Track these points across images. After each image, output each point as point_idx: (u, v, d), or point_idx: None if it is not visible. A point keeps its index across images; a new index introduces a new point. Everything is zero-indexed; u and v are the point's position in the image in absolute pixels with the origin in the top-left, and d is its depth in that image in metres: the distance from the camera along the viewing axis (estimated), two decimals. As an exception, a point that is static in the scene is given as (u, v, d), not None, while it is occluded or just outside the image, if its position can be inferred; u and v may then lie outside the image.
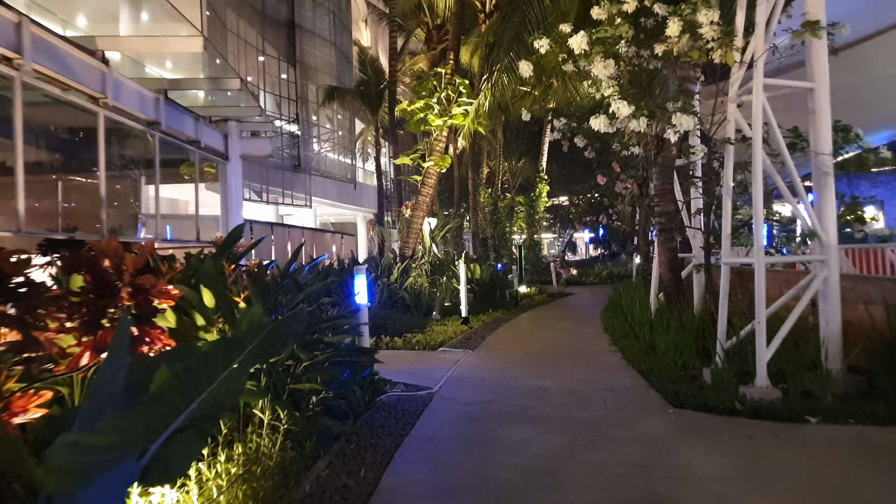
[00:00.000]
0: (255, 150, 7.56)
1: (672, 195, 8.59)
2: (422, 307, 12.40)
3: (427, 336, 9.66)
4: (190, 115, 6.44)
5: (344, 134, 24.02)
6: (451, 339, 9.81)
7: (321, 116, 22.47)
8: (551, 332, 10.79)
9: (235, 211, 7.39)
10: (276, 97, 19.85)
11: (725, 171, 5.78)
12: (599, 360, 7.70)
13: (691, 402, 5.16)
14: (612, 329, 10.18)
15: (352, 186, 25.08)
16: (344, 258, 14.62)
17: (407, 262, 12.68)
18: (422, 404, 5.58)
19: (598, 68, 5.71)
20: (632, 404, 5.35)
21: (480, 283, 15.72)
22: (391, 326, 10.15)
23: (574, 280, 28.81)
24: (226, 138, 7.29)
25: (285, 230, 15.37)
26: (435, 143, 12.81)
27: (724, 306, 5.86)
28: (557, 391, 5.90)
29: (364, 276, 6.25)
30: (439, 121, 12.22)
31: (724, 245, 5.86)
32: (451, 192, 32.04)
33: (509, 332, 10.94)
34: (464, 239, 27.96)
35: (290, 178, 19.53)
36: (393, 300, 11.85)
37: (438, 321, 11.80)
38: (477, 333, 10.50)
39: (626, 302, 11.44)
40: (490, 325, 11.90)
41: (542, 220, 29.08)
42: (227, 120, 7.31)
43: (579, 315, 13.88)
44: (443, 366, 7.41)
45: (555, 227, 37.45)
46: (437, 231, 19.97)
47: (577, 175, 34.63)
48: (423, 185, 12.94)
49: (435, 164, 12.56)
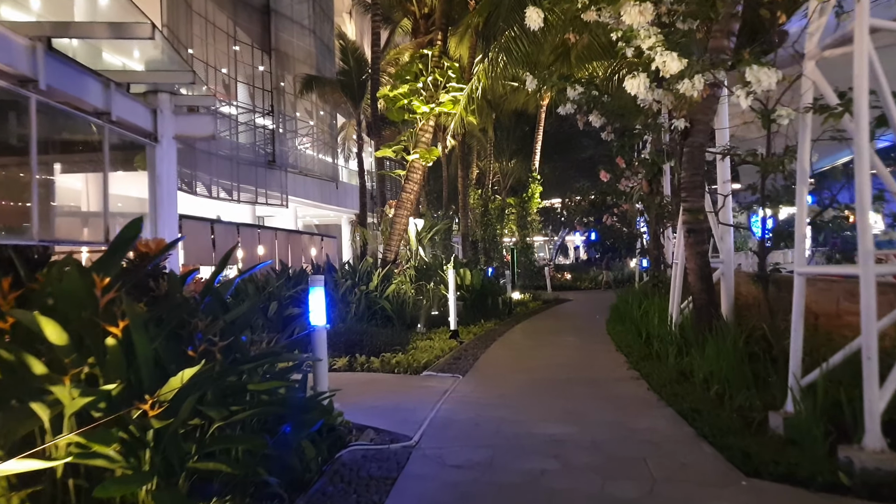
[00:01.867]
0: (194, 129, 6.05)
1: (703, 189, 7.16)
2: (405, 318, 10.89)
3: (409, 356, 8.15)
4: (95, 78, 4.92)
5: (325, 129, 22.42)
6: (438, 358, 8.31)
7: (300, 110, 20.86)
8: (555, 350, 9.31)
9: (168, 205, 5.86)
10: (249, 87, 18.24)
11: (801, 151, 4.35)
12: (621, 391, 6.23)
13: (771, 469, 3.70)
14: (625, 346, 8.73)
15: (334, 186, 23.46)
16: (324, 263, 13.09)
17: (389, 266, 11.17)
18: (395, 467, 4.07)
19: (631, 14, 4.26)
20: (685, 470, 3.87)
21: (471, 289, 14.25)
22: (368, 343, 8.62)
23: (567, 285, 27.53)
24: (155, 114, 5.74)
25: (254, 232, 13.79)
26: (420, 133, 11.31)
27: (799, 330, 4.42)
28: (578, 445, 4.42)
29: (321, 290, 4.73)
30: (425, 107, 10.74)
31: (797, 249, 4.42)
32: (440, 193, 30.73)
33: (506, 348, 9.45)
34: (453, 242, 26.56)
35: (264, 176, 17.91)
36: (371, 311, 10.32)
37: (424, 335, 10.29)
38: (468, 351, 9.01)
39: (637, 313, 10.01)
40: (483, 338, 10.41)
41: (535, 222, 27.76)
42: (156, 92, 5.78)
43: (582, 326, 12.43)
44: (426, 399, 5.91)
45: (546, 230, 36.15)
46: (424, 233, 18.53)
47: (570, 176, 33.47)
48: (407, 180, 11.43)
49: (420, 158, 11.07)
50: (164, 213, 5.93)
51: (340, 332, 8.82)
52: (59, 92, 4.45)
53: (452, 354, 8.67)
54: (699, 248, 7.04)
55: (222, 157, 16.43)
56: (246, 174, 17.21)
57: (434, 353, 8.48)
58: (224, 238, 12.37)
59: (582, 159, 33.05)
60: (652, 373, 6.66)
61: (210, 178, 15.76)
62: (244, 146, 17.74)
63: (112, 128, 5.11)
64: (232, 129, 17.18)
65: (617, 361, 7.87)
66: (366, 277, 10.90)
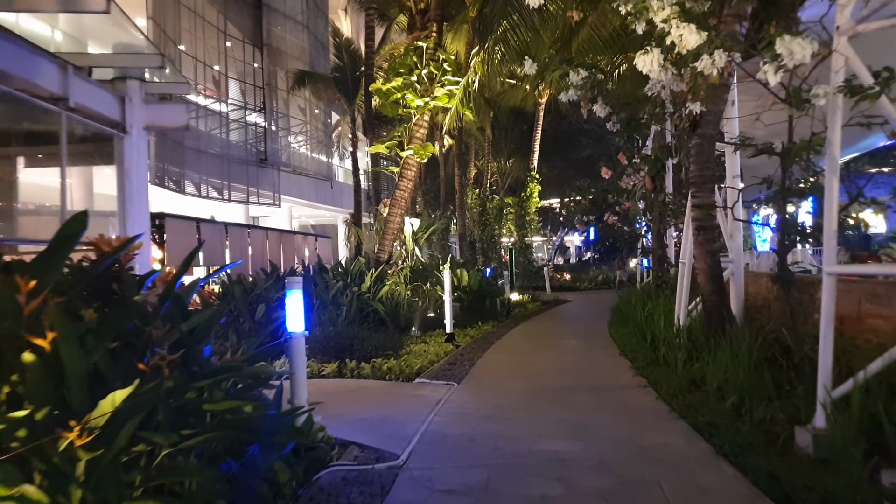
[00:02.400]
0: (165, 119, 5.59)
1: (713, 184, 6.73)
2: (399, 320, 10.44)
3: (402, 362, 7.70)
4: (49, 60, 4.44)
5: (318, 127, 21.92)
6: (433, 364, 7.87)
7: (293, 108, 20.35)
8: (555, 354, 8.87)
9: (138, 202, 5.41)
10: (241, 83, 17.76)
11: (831, 137, 3.91)
12: (628, 400, 5.79)
13: (803, 496, 3.26)
14: (630, 351, 8.29)
15: (329, 185, 22.96)
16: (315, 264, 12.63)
17: (382, 267, 10.71)
18: (378, 491, 3.62)
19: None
20: (706, 496, 3.43)
21: (468, 290, 13.81)
22: (359, 348, 8.17)
23: (567, 285, 27.09)
24: (122, 103, 5.28)
25: (243, 232, 13.32)
26: (415, 128, 10.86)
27: (829, 335, 3.98)
28: (583, 465, 3.97)
29: (298, 293, 4.28)
30: (419, 101, 10.29)
31: (827, 247, 3.98)
32: (438, 193, 30.26)
33: (503, 353, 9.01)
34: (450, 242, 26.12)
35: (255, 174, 17.42)
36: (364, 314, 9.86)
37: (418, 338, 9.86)
38: (464, 355, 8.56)
39: (641, 315, 9.58)
40: (480, 342, 9.97)
41: (533, 221, 27.32)
42: (124, 78, 5.32)
43: (583, 329, 11.99)
44: (418, 410, 5.47)
45: (545, 231, 35.67)
46: (420, 233, 18.14)
47: (568, 176, 33.02)
48: (401, 177, 10.98)
49: (415, 154, 10.62)
50: (133, 210, 5.48)
51: (330, 336, 8.36)
52: (7, 74, 3.99)
53: (448, 360, 8.23)
54: (709, 247, 6.61)
55: (212, 155, 15.95)
56: (237, 173, 16.72)
57: (428, 359, 8.04)
58: (212, 239, 11.92)
59: (581, 158, 32.68)
60: (660, 380, 6.22)
61: (200, 177, 15.28)
62: (235, 144, 17.26)
63: (71, 115, 4.65)
64: (223, 126, 16.70)
65: (621, 367, 7.43)
66: (358, 278, 10.45)
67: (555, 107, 29.06)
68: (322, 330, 8.62)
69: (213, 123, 16.66)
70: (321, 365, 7.58)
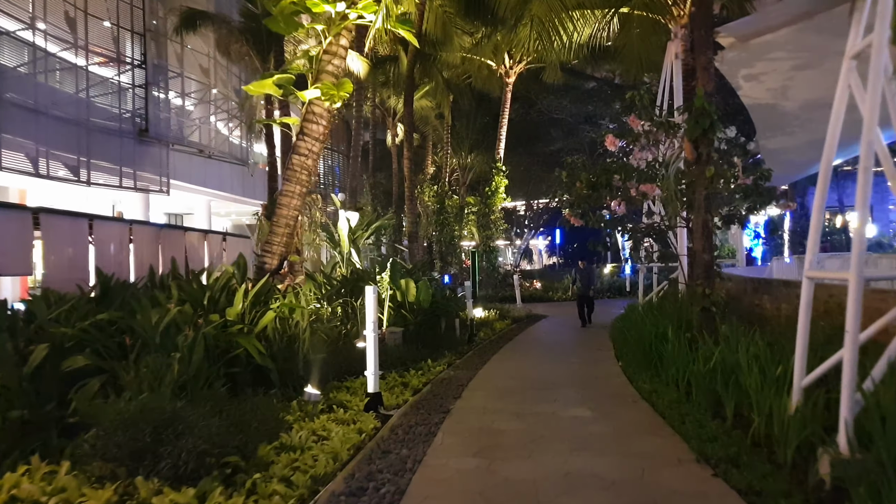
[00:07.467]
0: None
1: None
2: (296, 367, 6.30)
3: (264, 484, 3.57)
4: None
5: (230, 95, 17.29)
6: (321, 483, 3.78)
7: (193, 67, 15.71)
8: (561, 442, 4.87)
9: None
10: (112, 28, 13.08)
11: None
12: None
13: None
14: (696, 437, 4.39)
15: (244, 171, 18.34)
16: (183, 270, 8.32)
17: (267, 278, 6.50)
18: None
19: None
20: None
21: (416, 310, 9.81)
22: (173, 452, 3.98)
23: (538, 295, 23.44)
24: None
25: (80, 224, 8.87)
26: (325, 57, 6.76)
27: None
28: None
29: None
30: (330, 6, 6.20)
31: None
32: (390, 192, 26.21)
33: (466, 436, 4.97)
34: (403, 245, 22.12)
35: (132, 151, 12.82)
36: (228, 359, 5.67)
37: (319, 403, 5.73)
38: (393, 448, 4.52)
39: (700, 365, 5.76)
40: (426, 405, 5.95)
41: (499, 221, 23.57)
42: None
43: (585, 373, 8.09)
44: None
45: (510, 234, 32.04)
46: (360, 231, 14.04)
47: (535, 174, 29.52)
48: (302, 134, 6.79)
49: (323, 95, 6.51)
50: None
51: (128, 423, 4.15)
52: None
53: (356, 465, 4.16)
54: None
55: (62, 120, 11.35)
56: (102, 146, 12.12)
57: (317, 468, 3.95)
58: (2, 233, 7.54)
59: (549, 153, 29.40)
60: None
61: (37, 147, 10.69)
62: (101, 109, 12.63)
63: None
64: (80, 84, 12.06)
65: (703, 479, 3.50)
66: (224, 298, 6.24)
67: (523, 91, 25.67)
68: (121, 405, 4.41)
69: (69, 81, 12.09)
70: (82, 499, 3.41)
